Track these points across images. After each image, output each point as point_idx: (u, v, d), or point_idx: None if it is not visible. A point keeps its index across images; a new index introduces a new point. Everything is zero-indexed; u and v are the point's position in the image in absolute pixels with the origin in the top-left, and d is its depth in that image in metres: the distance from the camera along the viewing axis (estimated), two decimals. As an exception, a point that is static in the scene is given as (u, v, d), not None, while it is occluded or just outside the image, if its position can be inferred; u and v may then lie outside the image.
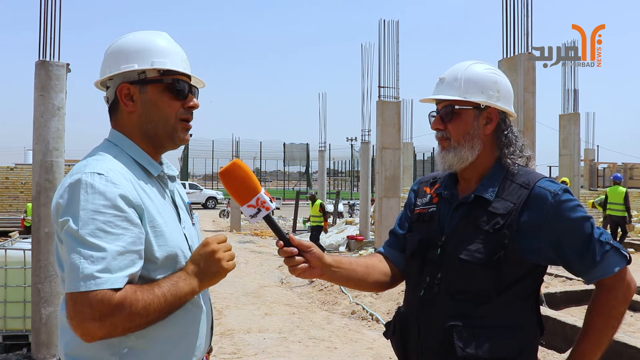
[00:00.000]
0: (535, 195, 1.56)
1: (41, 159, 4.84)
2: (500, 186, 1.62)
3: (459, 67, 1.70)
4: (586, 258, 1.53)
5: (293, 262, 1.51)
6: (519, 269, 1.56)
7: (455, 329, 1.55)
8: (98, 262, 1.21)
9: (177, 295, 1.33)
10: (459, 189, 1.72)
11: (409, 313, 1.71)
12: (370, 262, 1.79)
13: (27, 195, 17.56)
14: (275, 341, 5.96)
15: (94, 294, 1.19)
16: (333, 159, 44.59)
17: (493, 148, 1.68)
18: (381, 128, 10.95)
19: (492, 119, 1.66)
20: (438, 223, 1.68)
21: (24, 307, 5.16)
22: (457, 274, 1.59)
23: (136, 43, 1.46)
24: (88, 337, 1.23)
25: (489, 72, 1.68)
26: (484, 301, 1.55)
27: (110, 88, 1.47)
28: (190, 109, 1.50)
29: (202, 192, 32.61)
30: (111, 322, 1.21)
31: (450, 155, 1.65)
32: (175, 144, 1.51)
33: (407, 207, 1.87)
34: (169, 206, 1.48)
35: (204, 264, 1.40)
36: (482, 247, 1.55)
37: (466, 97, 1.64)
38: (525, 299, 1.60)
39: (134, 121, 1.46)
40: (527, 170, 1.65)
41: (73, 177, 1.30)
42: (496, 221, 1.56)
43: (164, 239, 1.37)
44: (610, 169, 28.92)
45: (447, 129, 1.66)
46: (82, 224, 1.23)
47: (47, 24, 4.98)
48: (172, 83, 1.46)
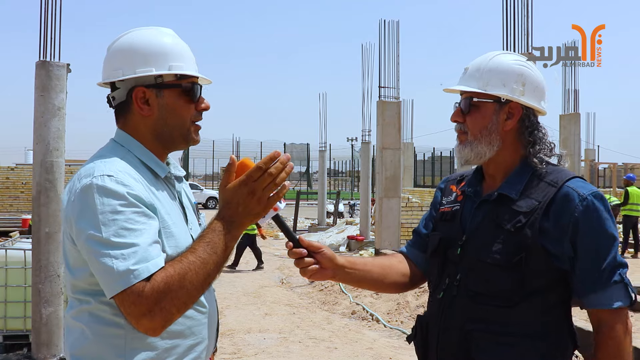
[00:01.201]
0: (562, 195, 1.44)
1: (41, 159, 4.84)
2: (526, 184, 1.51)
3: (484, 56, 1.60)
4: (592, 279, 1.41)
5: (303, 264, 1.47)
6: (546, 273, 1.44)
7: (474, 334, 1.47)
8: (130, 257, 1.20)
9: (216, 251, 1.26)
10: (484, 187, 1.64)
11: (430, 316, 1.64)
12: (387, 263, 1.72)
13: (27, 195, 17.56)
14: (275, 341, 5.96)
15: (131, 290, 1.17)
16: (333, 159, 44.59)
17: (516, 145, 1.57)
18: (381, 128, 10.95)
19: (513, 114, 1.55)
20: (460, 222, 1.60)
21: (24, 307, 5.16)
22: (476, 275, 1.50)
23: (149, 44, 1.43)
24: (151, 332, 1.21)
25: (515, 64, 1.56)
26: (505, 305, 1.45)
27: (120, 89, 1.44)
28: (202, 110, 1.49)
29: (202, 192, 32.61)
30: (160, 309, 1.18)
31: (466, 150, 1.57)
32: (188, 144, 1.50)
33: (433, 206, 1.79)
34: (176, 207, 1.47)
35: (243, 209, 1.28)
36: (503, 248, 1.46)
37: (486, 89, 1.54)
38: (553, 309, 1.48)
39: (148, 124, 1.44)
40: (559, 169, 1.54)
41: (82, 181, 1.28)
42: (518, 219, 1.46)
43: (174, 239, 1.36)
44: (610, 169, 28.91)
45: (466, 122, 1.58)
46: (104, 228, 1.22)
47: (47, 24, 4.98)
48: (189, 87, 1.44)
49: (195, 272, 1.22)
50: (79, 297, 1.34)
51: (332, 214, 21.50)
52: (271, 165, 1.28)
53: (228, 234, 1.28)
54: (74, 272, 1.33)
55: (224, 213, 1.29)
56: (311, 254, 1.48)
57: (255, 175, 1.27)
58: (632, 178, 12.89)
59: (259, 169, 1.27)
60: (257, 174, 1.27)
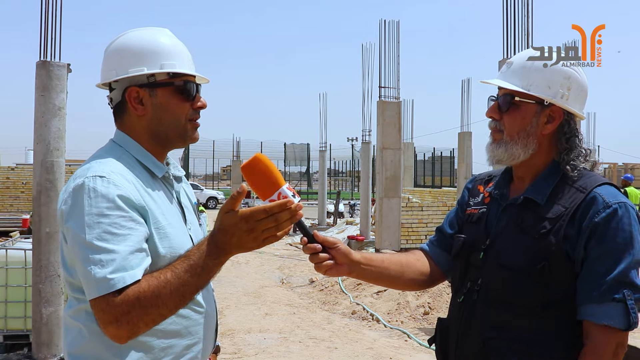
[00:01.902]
0: (588, 201, 1.38)
1: (42, 159, 4.84)
2: (555, 189, 1.46)
3: (530, 53, 1.53)
4: (592, 288, 1.34)
5: (318, 259, 1.42)
6: (569, 282, 1.38)
7: (492, 342, 1.43)
8: (108, 264, 1.20)
9: (199, 275, 1.23)
10: (511, 189, 1.58)
11: (450, 320, 1.61)
12: (406, 260, 1.68)
13: (27, 195, 17.55)
14: (275, 341, 5.96)
15: (103, 298, 1.19)
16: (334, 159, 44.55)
17: (550, 150, 1.51)
18: (382, 128, 10.95)
19: (554, 119, 1.48)
20: (486, 225, 1.55)
21: (24, 307, 5.16)
22: (498, 281, 1.46)
23: (142, 43, 1.44)
24: (117, 340, 1.22)
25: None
26: (526, 314, 1.40)
27: (116, 90, 1.45)
28: (198, 109, 1.50)
29: (202, 192, 32.61)
30: (127, 321, 1.19)
31: (500, 150, 1.50)
32: (186, 142, 1.50)
33: (460, 205, 1.74)
34: (174, 207, 1.47)
35: (237, 241, 1.24)
36: (526, 254, 1.40)
37: (530, 90, 1.46)
38: (575, 319, 1.39)
39: (143, 124, 1.44)
40: (590, 174, 1.47)
41: (76, 181, 1.30)
42: (543, 225, 1.40)
43: (168, 240, 1.37)
44: (610, 169, 28.89)
45: (502, 120, 1.51)
46: (88, 230, 1.23)
47: (47, 24, 4.98)
48: (182, 85, 1.44)
49: (169, 292, 1.21)
50: (77, 295, 1.34)
51: (332, 214, 21.49)
52: (279, 212, 1.22)
53: (215, 259, 1.24)
54: (71, 271, 1.34)
55: (217, 238, 1.24)
56: (326, 250, 1.44)
57: (259, 216, 1.21)
58: (629, 178, 12.91)
59: (264, 212, 1.21)
60: (262, 216, 1.21)
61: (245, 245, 1.24)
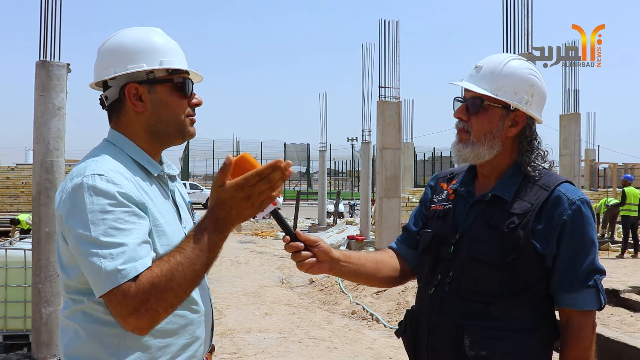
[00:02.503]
0: (553, 199, 1.51)
1: (41, 158, 4.84)
2: (519, 187, 1.57)
3: (498, 59, 1.61)
4: (568, 280, 1.50)
5: (300, 257, 1.49)
6: (535, 271, 1.52)
7: (466, 328, 1.52)
8: (118, 257, 1.20)
9: (205, 251, 1.24)
10: (476, 186, 1.67)
11: (420, 311, 1.68)
12: (380, 258, 1.76)
13: (27, 195, 17.56)
14: (275, 341, 5.96)
15: (118, 290, 1.18)
16: (334, 159, 44.59)
17: (513, 151, 1.62)
18: (382, 128, 10.95)
19: (518, 123, 1.59)
20: (453, 220, 1.64)
21: (24, 307, 5.17)
22: (469, 273, 1.55)
23: (139, 41, 1.44)
24: (138, 331, 1.22)
25: (528, 73, 1.59)
26: (496, 302, 1.52)
27: (112, 87, 1.45)
28: (195, 105, 1.51)
29: (202, 192, 32.58)
30: (146, 309, 1.19)
31: (467, 150, 1.59)
32: (185, 138, 1.51)
33: (423, 203, 1.82)
34: (169, 206, 1.47)
35: (236, 212, 1.26)
36: (496, 248, 1.51)
37: (498, 94, 1.56)
38: (540, 302, 1.55)
39: (142, 121, 1.44)
40: (550, 173, 1.60)
41: (74, 180, 1.29)
42: (512, 221, 1.51)
43: (166, 238, 1.37)
44: (611, 169, 28.91)
45: (470, 122, 1.59)
46: (93, 227, 1.22)
47: (47, 24, 4.98)
48: (181, 82, 1.46)
49: (182, 273, 1.22)
50: (73, 296, 1.34)
51: (332, 214, 21.50)
52: (270, 173, 1.24)
53: (219, 234, 1.26)
54: (68, 271, 1.33)
55: (217, 213, 1.26)
56: (308, 248, 1.50)
57: (253, 180, 1.23)
58: (629, 178, 12.89)
59: (257, 175, 1.23)
60: (255, 180, 1.23)
61: (245, 213, 1.26)
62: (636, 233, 11.94)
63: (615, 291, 6.68)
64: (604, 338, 4.74)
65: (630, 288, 6.78)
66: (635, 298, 6.54)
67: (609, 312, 6.28)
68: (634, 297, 6.57)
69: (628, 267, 9.56)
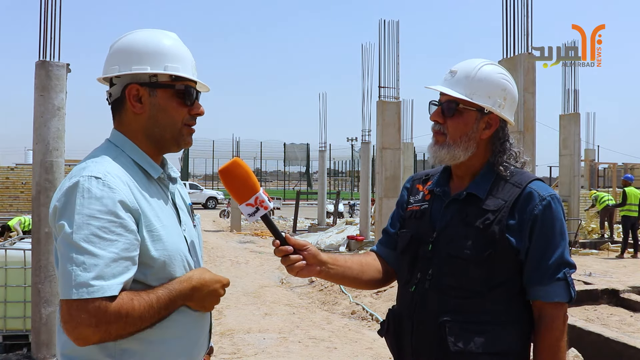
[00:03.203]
0: (525, 195, 1.57)
1: (41, 159, 4.84)
2: (492, 185, 1.63)
3: (472, 64, 1.67)
4: (539, 272, 1.56)
5: (289, 261, 1.53)
6: (511, 265, 1.58)
7: (448, 324, 1.56)
8: (91, 269, 1.20)
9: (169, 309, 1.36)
10: (451, 186, 1.73)
11: (402, 310, 1.73)
12: (364, 260, 1.81)
13: (27, 195, 17.57)
14: (275, 341, 5.96)
15: (90, 302, 1.19)
16: (333, 159, 44.61)
17: (486, 152, 1.68)
18: (381, 128, 10.96)
19: (491, 125, 1.66)
20: (430, 220, 1.69)
21: (24, 307, 5.16)
22: (448, 270, 1.60)
23: (148, 43, 1.44)
24: (81, 342, 1.23)
25: (500, 77, 1.66)
26: (475, 297, 1.57)
27: (116, 85, 1.45)
28: (195, 115, 1.50)
29: (202, 192, 32.60)
30: (106, 329, 1.22)
31: (443, 152, 1.65)
32: (180, 147, 1.51)
33: (400, 205, 1.87)
34: (169, 208, 1.47)
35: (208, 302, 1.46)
36: (473, 244, 1.57)
37: (472, 98, 1.62)
38: (517, 295, 1.61)
39: (139, 123, 1.45)
40: (521, 171, 1.66)
41: (71, 180, 1.30)
42: (486, 217, 1.57)
43: (161, 243, 1.36)
44: (610, 169, 28.91)
45: (446, 125, 1.65)
46: (76, 229, 1.23)
47: (47, 24, 4.98)
48: (182, 90, 1.45)
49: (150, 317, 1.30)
50: None
51: (332, 214, 21.52)
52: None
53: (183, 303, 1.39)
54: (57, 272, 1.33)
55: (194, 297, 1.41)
56: (297, 251, 1.54)
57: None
58: (629, 179, 12.88)
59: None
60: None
61: (208, 304, 1.47)
62: (636, 233, 11.94)
63: (615, 291, 6.68)
64: (604, 338, 4.74)
65: (630, 288, 6.79)
66: (635, 298, 6.54)
67: (609, 312, 6.28)
68: (633, 297, 6.58)
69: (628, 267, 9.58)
